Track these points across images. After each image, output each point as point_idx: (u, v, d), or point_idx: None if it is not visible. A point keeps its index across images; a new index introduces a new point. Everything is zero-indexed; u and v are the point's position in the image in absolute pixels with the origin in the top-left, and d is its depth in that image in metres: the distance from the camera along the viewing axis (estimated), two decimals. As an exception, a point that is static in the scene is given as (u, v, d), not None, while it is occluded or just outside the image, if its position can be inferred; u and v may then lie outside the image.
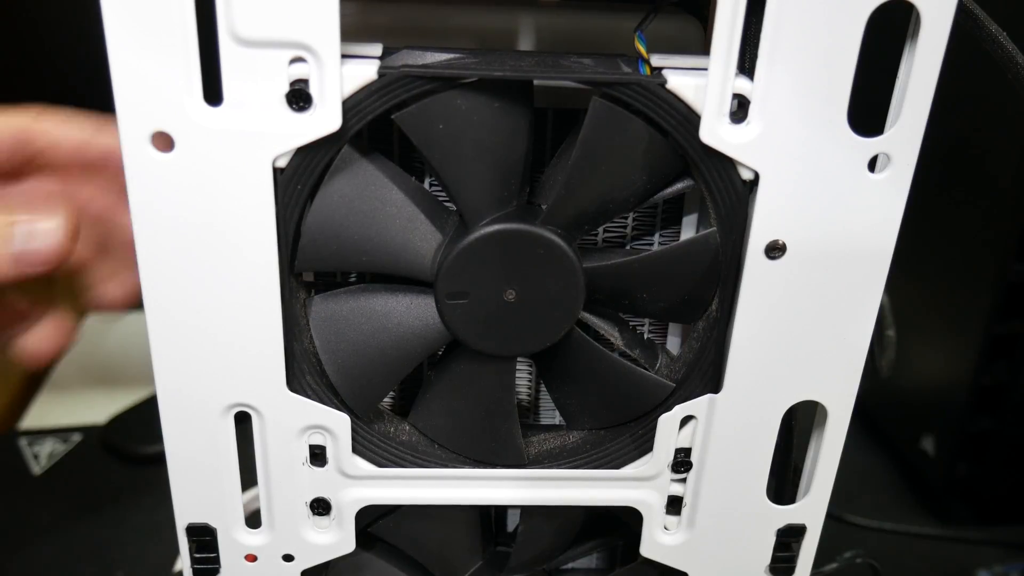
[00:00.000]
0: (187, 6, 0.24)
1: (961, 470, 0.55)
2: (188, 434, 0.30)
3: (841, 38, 0.26)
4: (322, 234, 0.28)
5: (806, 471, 0.34)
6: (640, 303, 0.31)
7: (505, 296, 0.29)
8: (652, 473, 0.33)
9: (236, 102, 0.25)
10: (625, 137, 0.27)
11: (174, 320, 0.28)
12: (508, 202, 0.29)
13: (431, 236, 0.29)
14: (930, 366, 0.56)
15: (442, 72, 0.26)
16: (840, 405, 0.32)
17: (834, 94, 0.26)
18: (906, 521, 0.57)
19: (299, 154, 0.27)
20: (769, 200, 0.28)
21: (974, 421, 0.53)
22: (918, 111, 0.27)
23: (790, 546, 0.34)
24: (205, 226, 0.27)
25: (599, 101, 0.27)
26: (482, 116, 0.27)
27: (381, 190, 0.28)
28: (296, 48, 0.25)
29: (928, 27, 0.26)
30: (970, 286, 0.51)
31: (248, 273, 0.28)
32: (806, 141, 0.27)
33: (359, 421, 0.31)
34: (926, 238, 0.54)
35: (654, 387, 0.31)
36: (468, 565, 0.37)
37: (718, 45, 0.26)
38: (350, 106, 0.26)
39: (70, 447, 0.62)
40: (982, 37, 0.28)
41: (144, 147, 0.26)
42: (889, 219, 0.28)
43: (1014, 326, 0.50)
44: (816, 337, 0.30)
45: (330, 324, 0.30)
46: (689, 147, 0.27)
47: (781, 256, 0.29)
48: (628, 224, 0.33)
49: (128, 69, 0.25)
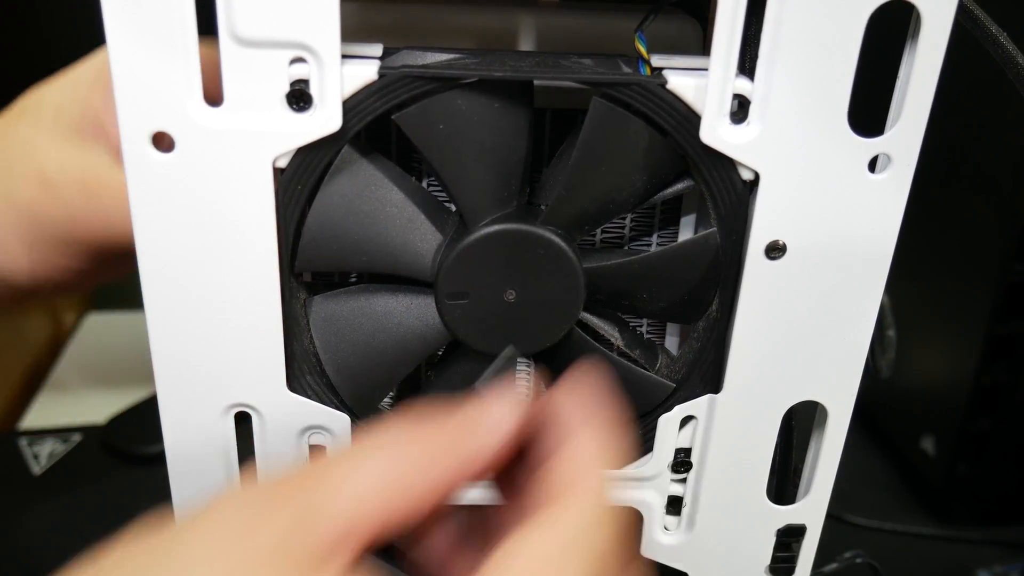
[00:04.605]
0: (187, 6, 0.24)
1: (961, 470, 0.55)
2: (188, 434, 0.30)
3: (841, 38, 0.26)
4: (322, 234, 0.28)
5: (806, 471, 0.34)
6: (640, 303, 0.31)
7: (505, 296, 0.29)
8: (652, 473, 0.33)
9: (236, 102, 0.25)
10: (625, 137, 0.27)
11: (174, 320, 0.28)
12: (508, 202, 0.29)
13: (431, 236, 0.29)
14: (930, 366, 0.56)
15: (442, 72, 0.26)
16: (840, 405, 0.32)
17: (834, 94, 0.26)
18: (906, 521, 0.57)
19: (299, 154, 0.27)
20: (769, 200, 0.28)
21: (974, 421, 0.53)
22: (918, 111, 0.27)
23: (790, 546, 0.34)
24: (205, 226, 0.27)
25: (599, 101, 0.27)
26: (482, 116, 0.27)
27: (381, 190, 0.28)
28: (296, 48, 0.25)
29: (928, 27, 0.26)
30: (970, 286, 0.51)
31: (248, 273, 0.28)
32: (806, 141, 0.27)
33: (359, 421, 0.31)
34: (926, 238, 0.54)
35: (654, 387, 0.31)
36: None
37: (718, 45, 0.26)
38: (350, 106, 0.26)
39: (70, 447, 0.62)
40: (982, 37, 0.28)
41: (144, 147, 0.26)
42: (889, 219, 0.28)
43: (1014, 326, 0.50)
44: (816, 337, 0.30)
45: (330, 324, 0.30)
46: (689, 147, 0.27)
47: (781, 256, 0.29)
48: (626, 225, 0.33)
49: (128, 69, 0.25)
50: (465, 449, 0.24)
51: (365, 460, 0.24)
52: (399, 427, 0.24)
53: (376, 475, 0.23)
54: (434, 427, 0.24)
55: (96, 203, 0.36)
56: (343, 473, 0.23)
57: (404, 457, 0.24)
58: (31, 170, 0.37)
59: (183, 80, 0.25)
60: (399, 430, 0.24)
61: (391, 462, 0.23)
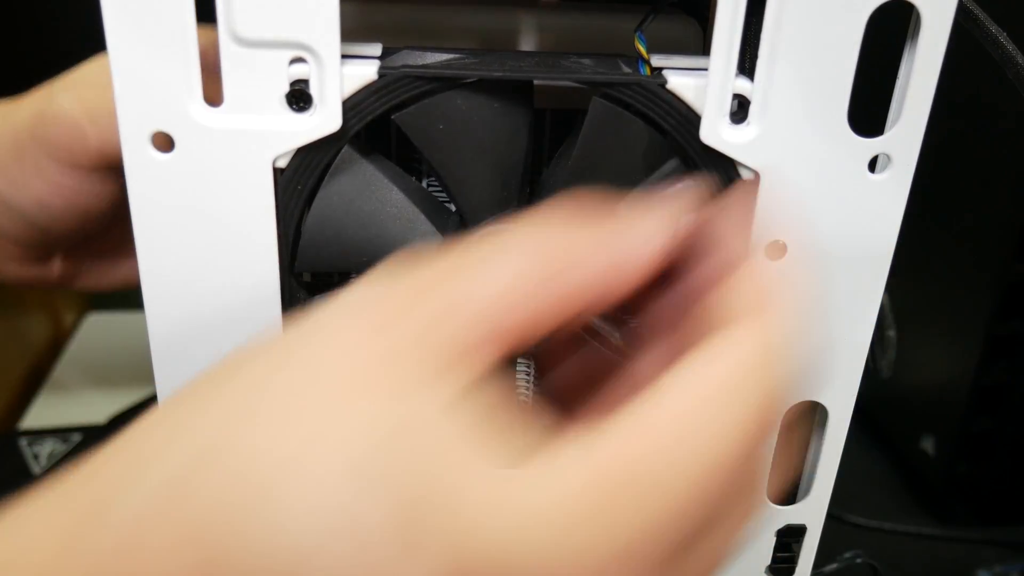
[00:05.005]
0: (187, 6, 0.24)
1: (961, 470, 0.54)
2: (188, 434, 0.30)
3: (841, 38, 0.26)
4: (322, 234, 0.28)
5: (806, 471, 0.34)
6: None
7: (505, 296, 0.29)
8: (652, 473, 0.33)
9: (236, 102, 0.25)
10: (625, 138, 0.27)
11: (174, 320, 0.28)
12: (508, 202, 0.29)
13: (431, 236, 0.29)
14: (930, 366, 0.56)
15: (442, 72, 0.26)
16: (840, 405, 0.32)
17: (834, 94, 0.26)
18: (906, 521, 0.57)
19: (299, 154, 0.27)
20: (769, 200, 0.28)
21: (974, 421, 0.53)
22: (918, 111, 0.27)
23: (790, 547, 0.34)
24: (205, 226, 0.27)
25: (599, 101, 0.27)
26: (482, 116, 0.27)
27: (381, 190, 0.28)
28: (296, 48, 0.25)
29: (928, 27, 0.26)
30: (970, 286, 0.51)
31: (248, 273, 0.28)
32: (806, 141, 0.27)
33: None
34: (926, 238, 0.54)
35: (654, 387, 0.31)
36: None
37: (718, 45, 0.26)
38: (350, 106, 0.26)
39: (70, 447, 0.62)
40: (982, 37, 0.28)
41: (144, 147, 0.26)
42: (889, 219, 0.28)
43: (1014, 326, 0.50)
44: (816, 337, 0.30)
45: (330, 324, 0.30)
46: (689, 147, 0.27)
47: (781, 256, 0.29)
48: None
49: (128, 69, 0.25)
50: (616, 254, 0.22)
51: (509, 252, 0.21)
52: (546, 218, 0.22)
53: (521, 271, 0.21)
54: (584, 225, 0.22)
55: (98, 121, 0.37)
56: (486, 267, 0.21)
57: (550, 252, 0.21)
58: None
59: (183, 80, 0.25)
60: (546, 221, 0.22)
61: (536, 257, 0.21)
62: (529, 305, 0.21)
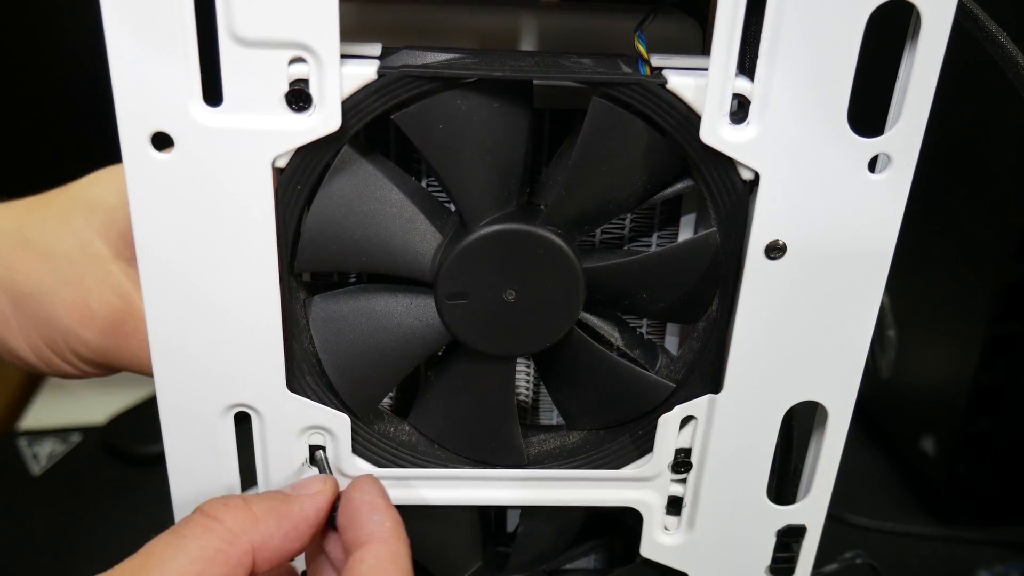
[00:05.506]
0: (187, 6, 0.24)
1: (961, 470, 0.55)
2: (188, 434, 0.30)
3: (841, 38, 0.26)
4: (322, 234, 0.28)
5: (806, 471, 0.34)
6: (640, 303, 0.31)
7: (505, 296, 0.29)
8: (652, 473, 0.33)
9: (236, 102, 0.25)
10: (625, 137, 0.27)
11: (174, 320, 0.28)
12: (508, 202, 0.29)
13: (431, 236, 0.29)
14: (930, 366, 0.56)
15: (442, 72, 0.26)
16: (840, 405, 0.32)
17: (834, 94, 0.26)
18: (906, 521, 0.57)
19: (299, 154, 0.27)
20: (769, 200, 0.28)
21: (974, 421, 0.53)
22: (918, 111, 0.27)
23: (790, 546, 0.34)
24: (205, 226, 0.27)
25: (599, 101, 0.27)
26: (482, 116, 0.27)
27: (381, 190, 0.28)
28: (296, 48, 0.25)
29: (928, 27, 0.26)
30: (970, 286, 0.51)
31: (248, 273, 0.28)
32: (806, 141, 0.27)
33: (359, 421, 0.31)
34: (926, 238, 0.54)
35: (654, 387, 0.31)
36: (468, 565, 0.37)
37: (718, 45, 0.26)
38: (350, 106, 0.26)
39: (70, 447, 0.62)
40: (982, 37, 0.28)
41: (144, 147, 0.26)
42: (889, 219, 0.28)
43: (1014, 326, 0.50)
44: (816, 337, 0.30)
45: (330, 324, 0.30)
46: (689, 147, 0.27)
47: (781, 256, 0.29)
48: (626, 225, 0.33)
49: (128, 69, 0.25)
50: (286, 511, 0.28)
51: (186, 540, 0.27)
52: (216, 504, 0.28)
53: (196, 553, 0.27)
54: (257, 497, 0.29)
55: (127, 341, 0.36)
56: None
57: (223, 526, 0.27)
58: (78, 294, 0.36)
59: (183, 80, 0.25)
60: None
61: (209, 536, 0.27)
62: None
